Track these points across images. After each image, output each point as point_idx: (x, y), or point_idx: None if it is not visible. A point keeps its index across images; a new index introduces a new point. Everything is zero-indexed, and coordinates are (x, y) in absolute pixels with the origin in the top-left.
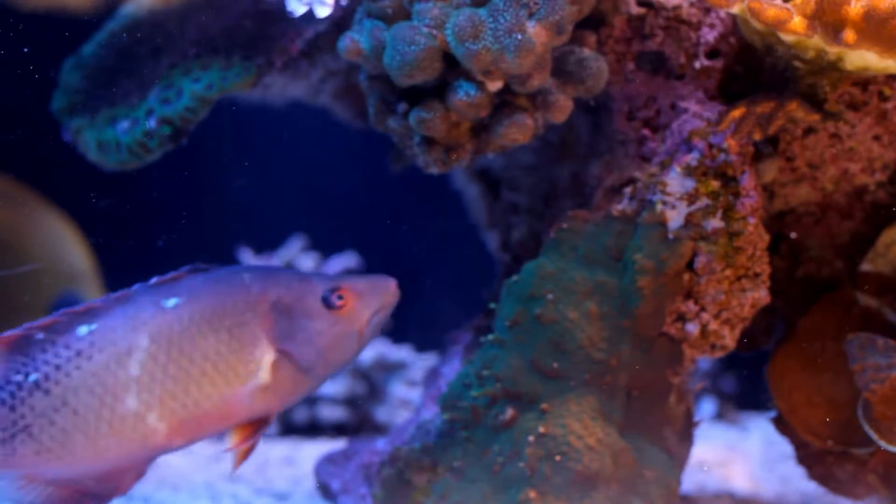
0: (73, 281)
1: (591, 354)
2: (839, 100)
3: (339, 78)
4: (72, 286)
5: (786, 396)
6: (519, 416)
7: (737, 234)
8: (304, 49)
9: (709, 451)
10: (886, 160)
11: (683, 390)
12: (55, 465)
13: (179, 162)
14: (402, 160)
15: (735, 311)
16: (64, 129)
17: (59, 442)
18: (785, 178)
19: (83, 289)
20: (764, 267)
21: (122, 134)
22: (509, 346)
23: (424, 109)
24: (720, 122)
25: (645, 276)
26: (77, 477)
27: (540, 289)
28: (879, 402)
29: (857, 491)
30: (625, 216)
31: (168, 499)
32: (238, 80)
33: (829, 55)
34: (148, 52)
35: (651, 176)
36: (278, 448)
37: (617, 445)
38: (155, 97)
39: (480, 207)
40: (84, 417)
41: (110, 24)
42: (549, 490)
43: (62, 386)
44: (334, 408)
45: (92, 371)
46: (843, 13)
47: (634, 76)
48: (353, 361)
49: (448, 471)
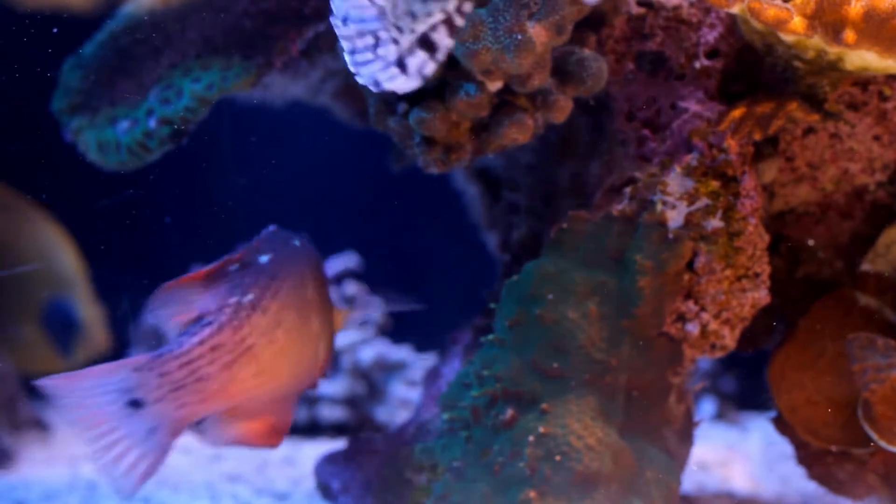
0: (64, 286)
1: (591, 354)
2: (839, 100)
3: (339, 78)
4: (62, 292)
5: (786, 396)
6: (519, 416)
7: (737, 234)
8: (304, 49)
9: (709, 451)
10: (886, 160)
11: (683, 390)
12: (267, 388)
13: (175, 163)
14: (402, 160)
15: (735, 311)
16: (64, 129)
17: (274, 362)
18: (785, 178)
19: (73, 294)
20: (764, 267)
21: (122, 134)
22: (509, 346)
23: (424, 109)
24: (720, 122)
25: (645, 276)
26: (265, 408)
27: (540, 289)
28: (879, 402)
29: (857, 491)
30: (625, 216)
31: (168, 499)
32: (238, 80)
33: (829, 55)
34: (148, 52)
35: (651, 176)
36: (278, 448)
37: (617, 445)
38: (155, 97)
39: (480, 207)
40: (290, 336)
41: (110, 24)
42: (549, 490)
43: (275, 305)
44: (334, 408)
45: (287, 292)
46: (843, 13)
47: (634, 76)
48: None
49: (448, 471)
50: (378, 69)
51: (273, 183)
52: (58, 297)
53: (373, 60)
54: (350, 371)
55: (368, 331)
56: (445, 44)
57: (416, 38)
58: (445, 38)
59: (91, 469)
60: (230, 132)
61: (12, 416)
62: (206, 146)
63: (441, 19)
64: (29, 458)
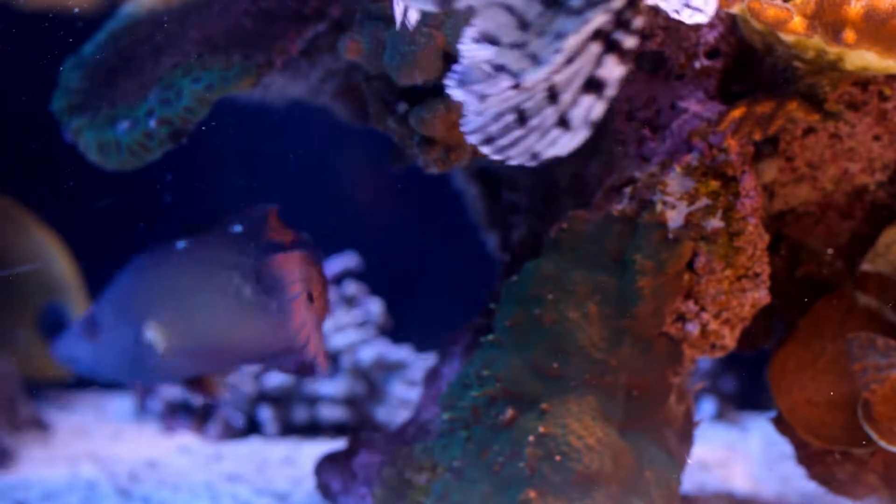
0: (58, 291)
1: (591, 354)
2: (839, 100)
3: (339, 78)
4: (57, 296)
5: (786, 396)
6: (519, 416)
7: (737, 234)
8: (304, 49)
9: (709, 451)
10: (886, 160)
11: (683, 390)
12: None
13: (174, 163)
14: (402, 160)
15: (735, 311)
16: (64, 129)
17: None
18: (785, 178)
19: (68, 299)
20: (764, 267)
21: (123, 134)
22: (509, 346)
23: (424, 109)
24: (720, 122)
25: (645, 276)
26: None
27: (540, 289)
28: (879, 402)
29: (857, 491)
30: (625, 216)
31: (168, 499)
32: (238, 80)
33: (829, 55)
34: (148, 52)
35: (651, 176)
36: (278, 448)
37: (617, 445)
38: (155, 97)
39: (480, 207)
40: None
41: (110, 24)
42: (549, 490)
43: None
44: (334, 408)
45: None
46: (843, 13)
47: (634, 76)
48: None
49: (448, 471)
50: (533, 143)
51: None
52: (53, 302)
53: (524, 137)
54: (350, 371)
55: (368, 331)
56: (616, 75)
57: (579, 85)
58: (616, 68)
59: (91, 469)
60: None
61: (12, 416)
62: (206, 146)
63: (606, 31)
64: (29, 458)
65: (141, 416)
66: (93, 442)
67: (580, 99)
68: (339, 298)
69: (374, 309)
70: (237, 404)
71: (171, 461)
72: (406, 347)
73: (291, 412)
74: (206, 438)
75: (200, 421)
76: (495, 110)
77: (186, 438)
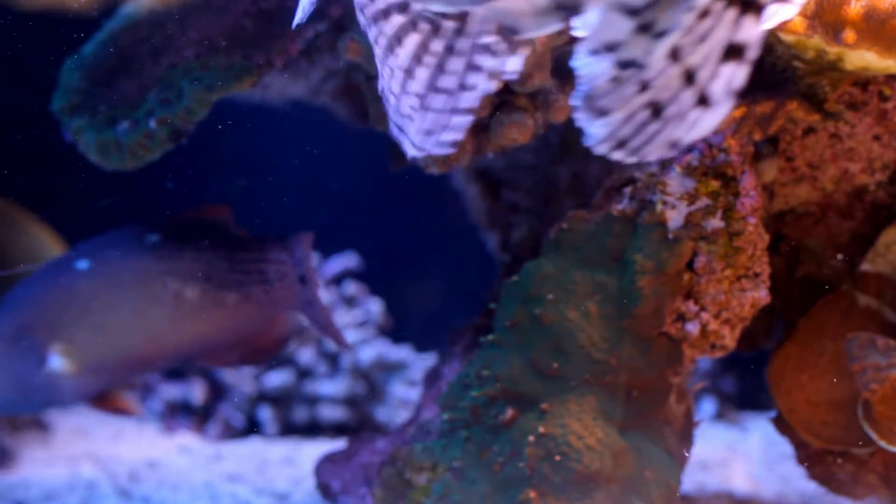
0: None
1: (591, 354)
2: (839, 100)
3: (339, 78)
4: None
5: (786, 396)
6: (519, 416)
7: (737, 234)
8: (304, 49)
9: (709, 451)
10: (886, 160)
11: (683, 390)
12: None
13: (173, 163)
14: (401, 160)
15: (735, 311)
16: (64, 129)
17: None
18: (785, 178)
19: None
20: (764, 267)
21: (123, 135)
22: (509, 346)
23: None
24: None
25: (645, 276)
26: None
27: (540, 289)
28: (879, 402)
29: (857, 491)
30: (625, 216)
31: (168, 499)
32: (238, 81)
33: (829, 55)
34: (148, 52)
35: (651, 176)
36: (278, 448)
37: (617, 445)
38: (155, 98)
39: (480, 207)
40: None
41: (110, 24)
42: (549, 490)
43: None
44: (334, 408)
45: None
46: (842, 13)
47: None
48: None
49: (448, 471)
50: (672, 131)
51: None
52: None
53: (662, 129)
54: (350, 371)
55: (368, 331)
56: (756, 34)
57: (718, 56)
58: (755, 26)
59: (91, 469)
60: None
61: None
62: (205, 146)
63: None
64: (29, 458)
65: (141, 416)
66: (93, 442)
67: (720, 70)
68: (339, 298)
69: (374, 309)
70: (237, 404)
71: (171, 461)
72: (406, 347)
73: (291, 412)
74: (206, 438)
75: (200, 421)
76: (623, 114)
77: (186, 438)
